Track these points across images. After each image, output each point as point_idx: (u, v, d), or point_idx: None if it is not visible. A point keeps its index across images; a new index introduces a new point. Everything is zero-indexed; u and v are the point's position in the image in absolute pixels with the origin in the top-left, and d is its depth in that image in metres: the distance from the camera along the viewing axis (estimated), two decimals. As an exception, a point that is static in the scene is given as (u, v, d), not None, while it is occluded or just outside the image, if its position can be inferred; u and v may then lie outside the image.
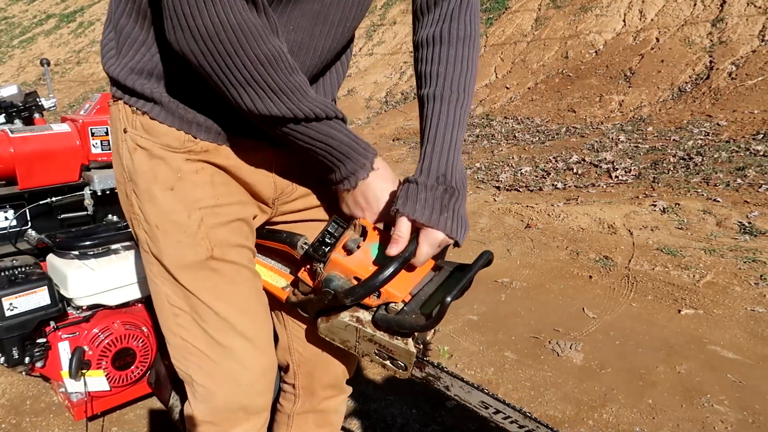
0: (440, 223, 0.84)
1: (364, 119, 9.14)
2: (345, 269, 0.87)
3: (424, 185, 0.85)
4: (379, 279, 0.82)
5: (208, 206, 0.91)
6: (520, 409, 0.84)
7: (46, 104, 2.78)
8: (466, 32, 0.92)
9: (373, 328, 0.87)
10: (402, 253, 0.83)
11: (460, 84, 0.91)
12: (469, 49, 0.93)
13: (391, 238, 0.86)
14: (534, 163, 5.52)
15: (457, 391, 0.90)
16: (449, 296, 0.78)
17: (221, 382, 0.96)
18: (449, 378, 0.89)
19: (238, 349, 0.95)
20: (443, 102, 0.90)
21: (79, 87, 14.04)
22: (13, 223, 1.84)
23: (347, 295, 0.85)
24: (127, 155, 0.91)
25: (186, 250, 0.90)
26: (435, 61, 0.92)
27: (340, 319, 0.89)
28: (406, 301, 0.86)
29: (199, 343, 0.95)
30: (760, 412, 1.94)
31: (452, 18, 0.92)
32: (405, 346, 0.85)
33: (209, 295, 0.92)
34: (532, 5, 9.59)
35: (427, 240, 0.85)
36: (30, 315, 1.61)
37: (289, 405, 1.21)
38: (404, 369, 0.88)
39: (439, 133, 0.88)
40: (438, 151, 0.87)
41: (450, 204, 0.86)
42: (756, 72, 6.35)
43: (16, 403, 2.15)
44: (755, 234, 3.37)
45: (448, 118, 0.89)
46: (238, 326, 0.94)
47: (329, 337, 0.93)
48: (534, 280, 3.11)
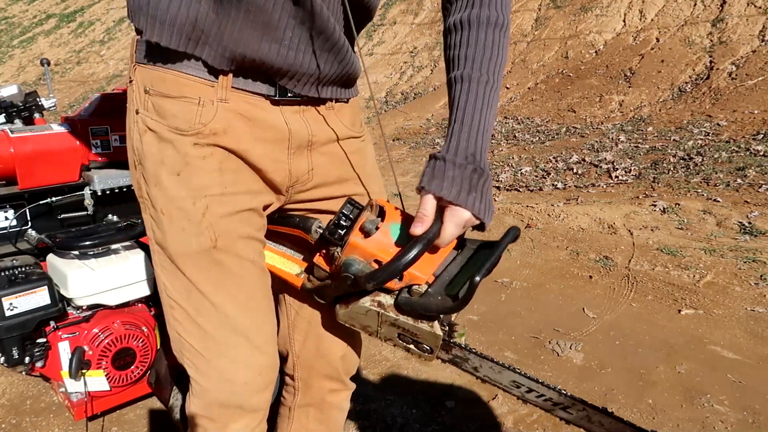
0: (468, 202, 0.80)
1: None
2: (364, 252, 0.82)
3: (452, 162, 0.81)
4: (403, 262, 0.77)
5: (214, 194, 0.87)
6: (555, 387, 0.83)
7: (46, 104, 2.77)
8: (498, 19, 0.89)
9: (396, 312, 0.83)
10: (426, 233, 0.79)
11: (489, 67, 0.87)
12: (500, 35, 0.89)
13: (414, 217, 0.81)
14: (534, 163, 5.53)
15: (486, 371, 0.88)
16: (478, 275, 0.74)
17: (214, 380, 0.94)
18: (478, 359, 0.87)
19: (233, 345, 0.92)
20: (472, 83, 0.86)
21: (79, 87, 14.05)
22: (13, 223, 1.84)
23: (369, 279, 0.80)
24: (137, 137, 0.89)
25: (190, 238, 0.88)
26: (464, 45, 0.88)
27: (360, 304, 0.85)
28: (429, 282, 0.82)
29: (193, 339, 0.92)
30: (760, 412, 1.94)
31: (482, 4, 0.89)
32: (431, 329, 0.81)
33: (209, 287, 0.89)
34: (532, 5, 9.59)
35: (452, 219, 0.81)
36: (30, 315, 1.61)
37: (290, 398, 1.19)
38: (430, 352, 0.84)
39: (468, 114, 0.84)
40: (467, 131, 0.83)
41: (479, 184, 0.81)
42: (756, 72, 6.35)
43: (16, 403, 2.15)
44: (755, 234, 3.37)
45: (476, 99, 0.85)
46: (236, 322, 0.92)
47: (349, 323, 0.89)
48: (534, 280, 3.11)
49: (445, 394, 2.08)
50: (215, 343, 0.92)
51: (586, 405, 0.80)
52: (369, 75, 10.75)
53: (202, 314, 0.91)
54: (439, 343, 0.82)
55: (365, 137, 1.08)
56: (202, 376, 0.94)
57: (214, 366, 0.93)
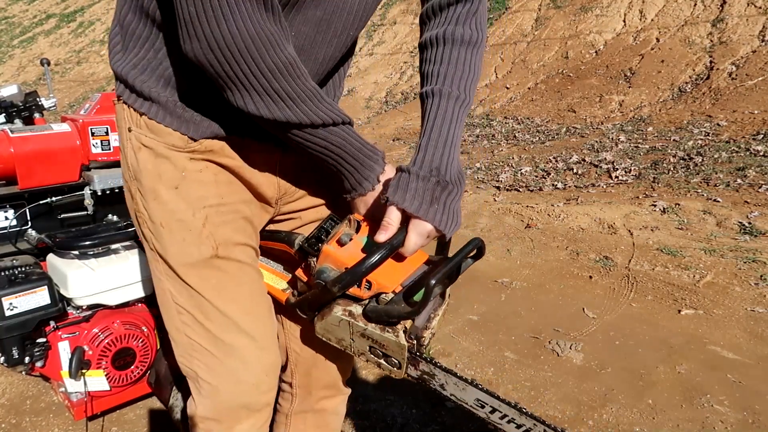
0: (429, 215, 0.83)
1: (364, 119, 9.14)
2: (336, 260, 0.87)
3: (416, 175, 0.84)
4: (366, 265, 0.81)
5: (212, 205, 0.91)
6: (515, 404, 0.83)
7: (46, 104, 2.78)
8: (472, 37, 0.92)
9: (364, 321, 0.87)
10: (390, 240, 0.83)
11: (461, 84, 0.90)
12: (473, 54, 0.92)
13: (381, 226, 0.85)
14: (534, 163, 5.53)
15: (452, 389, 0.89)
16: (432, 279, 0.77)
17: (225, 380, 0.97)
18: (443, 374, 0.88)
19: (241, 347, 0.95)
20: (442, 98, 0.89)
21: (79, 87, 14.05)
22: (13, 223, 1.84)
23: (335, 283, 0.84)
24: (132, 154, 0.91)
25: (191, 249, 0.90)
26: (438, 62, 0.91)
27: (333, 314, 0.89)
28: (396, 291, 0.86)
29: (203, 340, 0.95)
30: (760, 412, 1.94)
31: (458, 22, 0.92)
32: (396, 338, 0.84)
33: (213, 294, 0.92)
34: (532, 5, 9.59)
35: (415, 229, 0.84)
36: (30, 315, 1.61)
37: (287, 404, 1.21)
38: (399, 367, 0.87)
39: (436, 128, 0.87)
40: (434, 144, 0.86)
41: (441, 197, 0.85)
42: (756, 72, 6.35)
43: (16, 403, 2.15)
44: (755, 234, 3.37)
45: (446, 113, 0.88)
46: (242, 324, 0.94)
47: (325, 336, 0.93)
48: (534, 280, 3.11)
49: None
50: (224, 344, 0.95)
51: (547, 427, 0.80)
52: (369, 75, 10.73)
53: (209, 318, 0.93)
54: (405, 354, 0.85)
55: None
56: (214, 375, 0.97)
57: (225, 365, 0.96)
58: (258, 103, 0.77)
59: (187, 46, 0.74)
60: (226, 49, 0.72)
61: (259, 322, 0.98)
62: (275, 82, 0.75)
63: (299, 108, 0.78)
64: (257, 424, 1.02)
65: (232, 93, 0.77)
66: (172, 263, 0.92)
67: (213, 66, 0.74)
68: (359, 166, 0.88)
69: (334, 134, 0.83)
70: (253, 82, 0.75)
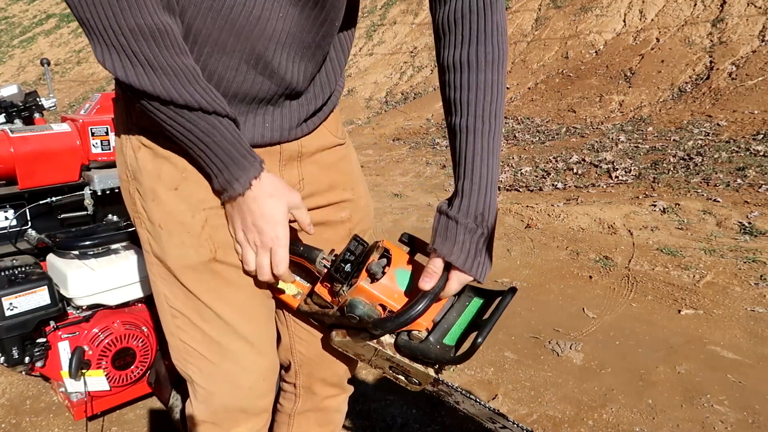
0: (473, 269, 0.85)
1: (364, 119, 9.14)
2: (371, 296, 0.86)
3: (464, 226, 0.84)
4: (413, 314, 0.82)
5: (212, 207, 0.89)
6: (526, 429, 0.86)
7: (46, 104, 2.77)
8: (494, 56, 0.87)
9: (393, 350, 0.88)
10: (433, 288, 0.84)
11: (490, 112, 0.87)
12: (497, 74, 0.88)
13: (424, 272, 0.86)
14: (534, 163, 5.53)
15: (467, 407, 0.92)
16: (480, 337, 0.80)
17: (221, 385, 0.96)
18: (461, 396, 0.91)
19: (238, 351, 0.94)
20: (476, 134, 0.86)
21: (79, 87, 14.05)
22: (13, 223, 1.84)
23: (376, 326, 0.84)
24: (131, 153, 0.90)
25: (189, 251, 0.89)
26: (463, 89, 0.87)
27: (359, 337, 0.90)
28: (429, 328, 0.87)
29: (198, 345, 0.94)
30: (760, 412, 1.94)
31: (478, 41, 0.86)
32: (425, 370, 0.87)
33: (211, 297, 0.91)
34: (532, 5, 9.59)
35: (457, 279, 0.86)
36: (30, 315, 1.61)
37: (290, 405, 1.20)
38: (418, 385, 0.90)
39: (476, 169, 0.86)
40: (476, 188, 0.85)
41: (483, 248, 0.86)
42: (756, 72, 6.35)
43: (16, 403, 2.15)
44: (755, 234, 3.37)
45: (483, 151, 0.86)
46: (239, 328, 0.93)
47: (343, 348, 0.93)
48: (534, 280, 3.11)
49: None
50: (221, 348, 0.94)
51: None
52: (369, 75, 10.74)
53: (206, 322, 0.92)
54: (430, 381, 0.88)
55: (347, 142, 1.11)
56: (209, 380, 0.96)
57: (221, 369, 0.95)
58: (116, 61, 0.73)
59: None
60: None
61: (256, 326, 0.97)
62: (135, 45, 0.72)
63: (160, 80, 0.74)
64: (255, 428, 1.01)
65: (95, 45, 0.73)
66: (170, 265, 0.91)
67: (78, 11, 0.71)
68: (229, 163, 0.82)
69: (200, 123, 0.78)
70: (113, 38, 0.71)
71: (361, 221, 1.10)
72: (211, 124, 0.79)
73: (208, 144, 0.80)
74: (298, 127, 0.95)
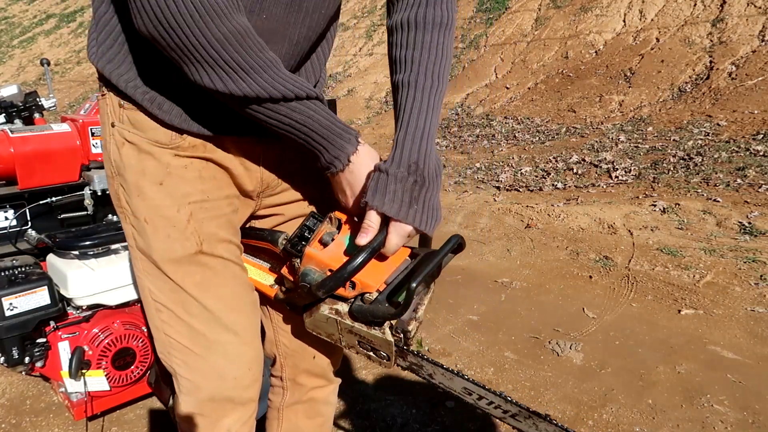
0: (409, 216, 0.84)
1: (364, 119, 9.15)
2: (319, 262, 0.88)
3: (394, 176, 0.84)
4: (348, 269, 0.82)
5: (197, 201, 0.91)
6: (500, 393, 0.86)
7: (46, 104, 2.78)
8: (443, 18, 0.90)
9: (350, 319, 0.88)
10: (370, 243, 0.84)
11: (434, 71, 0.89)
12: (445, 36, 0.91)
13: (361, 228, 0.86)
14: (534, 163, 5.53)
15: (440, 378, 0.91)
16: (414, 282, 0.78)
17: (206, 377, 0.97)
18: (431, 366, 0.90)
19: (224, 342, 0.95)
20: (417, 88, 0.88)
21: (79, 87, 14.05)
22: (13, 223, 1.84)
23: (319, 287, 0.85)
24: (115, 149, 0.91)
25: (175, 245, 0.90)
26: (409, 47, 0.90)
27: (320, 312, 0.90)
28: (380, 290, 0.86)
29: (183, 338, 0.95)
30: (760, 412, 1.94)
31: (428, 4, 0.90)
32: (382, 335, 0.86)
33: (197, 290, 0.92)
34: (532, 5, 9.59)
35: (395, 231, 0.85)
36: (30, 315, 1.61)
37: (278, 399, 1.22)
38: (387, 359, 0.89)
39: (412, 120, 0.87)
40: (410, 138, 0.86)
41: (420, 196, 0.85)
42: (756, 72, 6.35)
43: (16, 403, 2.15)
44: (755, 234, 3.37)
45: (421, 104, 0.87)
46: (225, 320, 0.95)
47: (315, 331, 0.94)
48: (534, 280, 3.11)
49: (444, 394, 2.08)
50: (206, 339, 0.95)
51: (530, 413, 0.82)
52: (369, 75, 10.72)
53: (191, 314, 0.93)
54: (393, 349, 0.87)
55: None
56: (194, 372, 0.97)
57: (206, 361, 0.95)
58: (212, 75, 0.75)
59: (138, 21, 0.74)
60: (172, 20, 0.71)
61: (242, 317, 0.98)
62: (225, 53, 0.74)
63: (254, 80, 0.76)
64: (243, 417, 1.02)
65: (187, 67, 0.76)
66: (155, 259, 0.92)
67: (163, 38, 0.73)
68: (329, 145, 0.85)
69: (298, 110, 0.80)
70: (203, 53, 0.73)
71: None
72: (308, 108, 0.81)
73: (311, 127, 0.82)
74: None
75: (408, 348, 0.89)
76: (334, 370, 1.20)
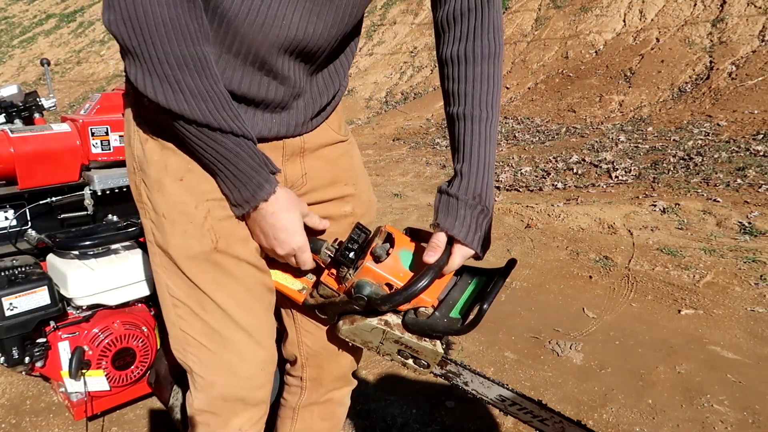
0: (474, 242, 0.90)
1: (364, 119, 9.15)
2: (377, 276, 0.89)
3: (464, 203, 0.90)
4: (419, 287, 0.85)
5: (215, 198, 0.92)
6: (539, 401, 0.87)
7: (46, 104, 2.77)
8: (490, 50, 0.94)
9: (402, 330, 0.90)
10: (437, 261, 0.87)
11: (487, 102, 0.93)
12: (494, 67, 0.95)
13: (428, 246, 0.89)
14: (534, 163, 5.53)
15: (476, 386, 0.93)
16: (486, 303, 0.83)
17: (220, 374, 0.98)
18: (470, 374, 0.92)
19: (238, 341, 0.96)
20: (474, 121, 0.93)
21: (79, 87, 14.05)
22: (13, 223, 1.84)
23: (384, 302, 0.87)
24: (138, 145, 0.92)
25: (192, 241, 0.91)
26: (461, 80, 0.94)
27: (366, 322, 0.92)
28: (435, 305, 0.90)
29: (198, 334, 0.96)
30: (760, 412, 1.94)
31: (475, 36, 0.93)
32: (433, 347, 0.89)
33: (212, 287, 0.93)
34: (532, 5, 9.59)
35: (459, 252, 0.90)
36: (30, 315, 1.61)
37: (294, 399, 1.22)
38: (427, 366, 0.92)
39: (474, 153, 0.92)
40: (474, 171, 0.92)
41: (483, 223, 0.91)
42: (756, 72, 6.35)
43: (16, 403, 2.15)
44: (755, 234, 3.37)
45: (480, 137, 0.92)
46: (239, 319, 0.96)
47: (350, 338, 0.95)
48: (534, 280, 3.11)
49: (445, 394, 2.08)
50: (221, 337, 0.96)
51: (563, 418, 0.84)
52: (369, 75, 10.73)
53: (207, 311, 0.94)
54: (438, 359, 0.90)
55: (350, 139, 1.15)
56: (208, 369, 0.98)
57: (220, 359, 0.97)
58: (158, 88, 0.77)
59: (106, 15, 0.75)
60: (138, 27, 0.73)
61: (256, 317, 0.99)
62: (179, 73, 0.76)
63: (198, 106, 0.78)
64: (254, 418, 1.03)
65: (136, 71, 0.77)
66: (172, 255, 0.93)
67: (123, 39, 0.75)
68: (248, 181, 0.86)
69: (230, 143, 0.83)
70: (158, 67, 0.75)
71: (364, 215, 1.12)
72: (238, 145, 0.83)
73: (233, 162, 0.84)
74: (304, 125, 0.99)
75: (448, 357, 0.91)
76: (354, 370, 1.22)
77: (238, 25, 0.81)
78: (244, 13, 0.81)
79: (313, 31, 0.87)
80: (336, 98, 1.05)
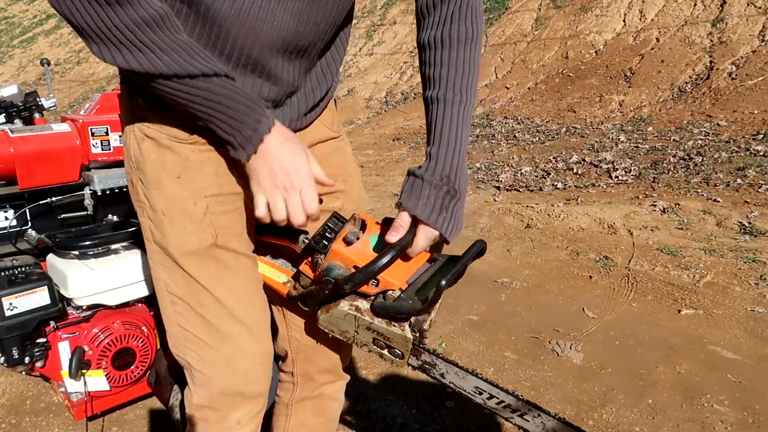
0: (438, 222, 0.89)
1: (364, 119, 9.14)
2: (345, 258, 0.90)
3: (429, 182, 0.89)
4: (378, 265, 0.85)
5: (213, 194, 0.93)
6: (513, 392, 0.86)
7: (46, 104, 2.77)
8: (467, 34, 0.94)
9: (371, 315, 0.90)
10: (399, 241, 0.88)
11: (462, 86, 0.93)
12: (470, 51, 0.95)
13: (391, 227, 0.90)
14: (534, 163, 5.53)
15: (452, 378, 0.92)
16: (443, 280, 0.82)
17: (219, 368, 0.98)
18: (444, 364, 0.91)
19: (236, 335, 0.97)
20: (447, 104, 0.93)
21: (79, 87, 14.05)
22: (13, 223, 1.84)
23: (347, 281, 0.87)
24: (135, 145, 0.93)
25: (191, 237, 0.92)
26: (438, 64, 0.94)
27: (339, 308, 0.92)
28: (403, 288, 0.90)
29: (197, 330, 0.96)
30: (760, 412, 1.94)
31: (452, 20, 0.94)
32: (402, 332, 0.89)
33: (211, 282, 0.94)
34: (532, 5, 9.59)
35: (423, 233, 0.90)
36: (30, 315, 1.61)
37: (287, 394, 1.23)
38: (401, 357, 0.91)
39: (444, 135, 0.92)
40: (443, 152, 0.91)
41: (450, 205, 0.90)
42: (756, 72, 6.35)
43: (16, 403, 2.15)
44: (755, 234, 3.37)
45: (452, 120, 0.92)
46: (237, 313, 0.97)
47: (328, 328, 0.96)
48: (534, 280, 3.11)
49: (445, 394, 2.08)
50: (219, 332, 0.97)
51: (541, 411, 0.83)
52: (369, 75, 10.72)
53: (205, 307, 0.95)
54: (410, 346, 0.89)
55: (343, 137, 1.15)
56: (207, 365, 0.98)
57: (219, 354, 0.97)
58: (127, 55, 0.74)
59: None
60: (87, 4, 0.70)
61: (253, 311, 1.00)
62: (140, 34, 0.73)
63: (172, 58, 0.75)
64: (252, 412, 1.04)
65: (98, 47, 0.75)
66: (171, 251, 0.93)
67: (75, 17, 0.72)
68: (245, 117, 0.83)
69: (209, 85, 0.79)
70: (110, 36, 0.73)
71: (354, 211, 1.12)
72: (224, 86, 0.80)
73: (224, 103, 0.80)
74: (298, 120, 0.99)
75: (422, 346, 0.91)
76: (344, 365, 1.22)
77: (228, 28, 0.82)
78: (234, 16, 0.81)
79: (304, 28, 0.88)
80: (329, 93, 1.06)
